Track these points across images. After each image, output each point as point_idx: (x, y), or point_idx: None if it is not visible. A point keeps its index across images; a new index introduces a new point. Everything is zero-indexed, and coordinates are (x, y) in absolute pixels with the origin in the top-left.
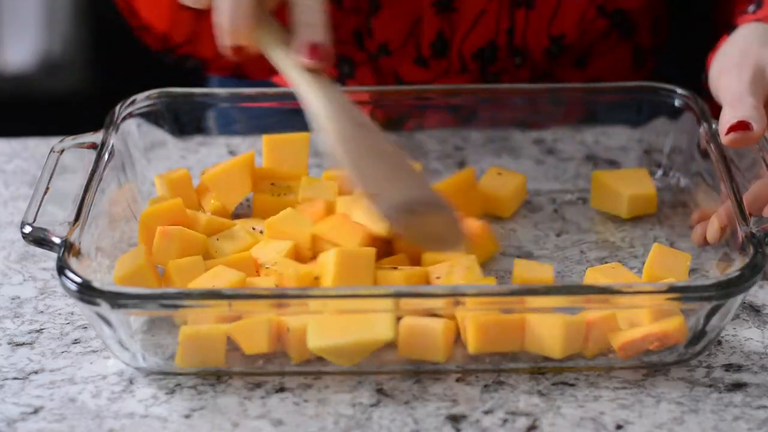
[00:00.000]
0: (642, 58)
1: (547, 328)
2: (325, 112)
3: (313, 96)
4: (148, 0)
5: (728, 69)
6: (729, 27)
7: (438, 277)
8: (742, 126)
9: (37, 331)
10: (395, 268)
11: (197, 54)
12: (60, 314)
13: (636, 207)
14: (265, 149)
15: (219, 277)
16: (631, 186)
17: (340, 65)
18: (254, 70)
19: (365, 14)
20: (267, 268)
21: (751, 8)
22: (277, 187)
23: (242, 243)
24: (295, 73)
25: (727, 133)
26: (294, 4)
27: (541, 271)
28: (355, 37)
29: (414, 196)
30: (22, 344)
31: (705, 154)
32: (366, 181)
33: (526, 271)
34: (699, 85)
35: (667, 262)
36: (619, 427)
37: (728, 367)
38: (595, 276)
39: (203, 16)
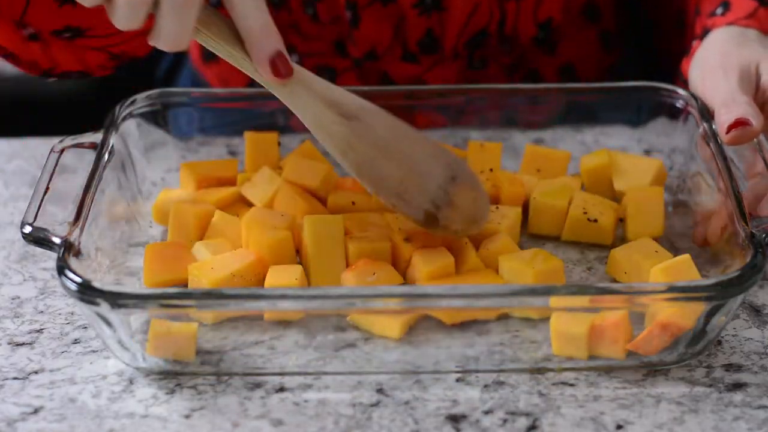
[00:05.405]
0: (609, 42)
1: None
2: (312, 125)
3: (293, 107)
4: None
5: (712, 72)
6: (692, 26)
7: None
8: (741, 123)
9: (37, 331)
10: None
11: (72, 70)
12: (60, 314)
13: None
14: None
15: None
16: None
17: (320, 74)
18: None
19: (347, 25)
20: None
21: (719, 10)
22: None
23: None
24: (264, 82)
25: (728, 131)
26: (230, 6)
27: None
28: (336, 48)
29: (443, 177)
30: (22, 344)
31: (705, 154)
32: (380, 187)
33: None
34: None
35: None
36: (619, 427)
37: (728, 367)
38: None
39: (53, 43)
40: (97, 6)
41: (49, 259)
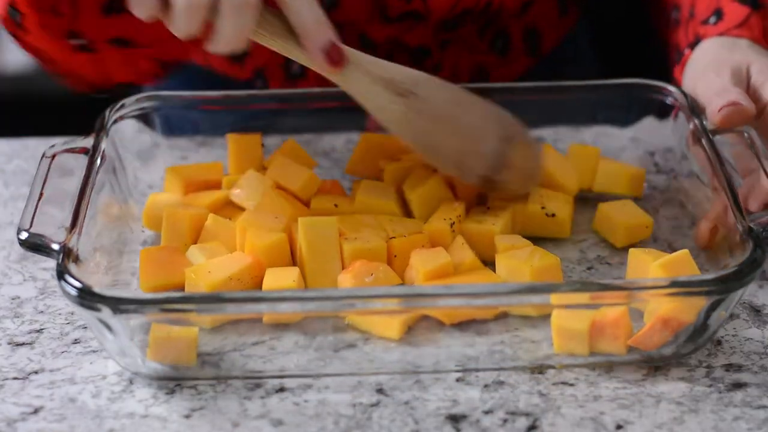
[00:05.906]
0: (565, 5)
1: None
2: (371, 108)
3: (351, 92)
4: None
5: (704, 74)
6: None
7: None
8: (732, 104)
9: (37, 331)
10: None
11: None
12: (60, 314)
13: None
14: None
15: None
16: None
17: None
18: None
19: (325, 8)
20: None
21: (712, 19)
22: None
23: None
24: (320, 70)
25: (720, 111)
26: (282, 4)
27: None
28: None
29: (498, 136)
30: (22, 344)
31: (697, 152)
32: (439, 158)
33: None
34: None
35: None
36: (619, 427)
37: (728, 367)
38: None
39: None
40: (153, 19)
41: (49, 258)
